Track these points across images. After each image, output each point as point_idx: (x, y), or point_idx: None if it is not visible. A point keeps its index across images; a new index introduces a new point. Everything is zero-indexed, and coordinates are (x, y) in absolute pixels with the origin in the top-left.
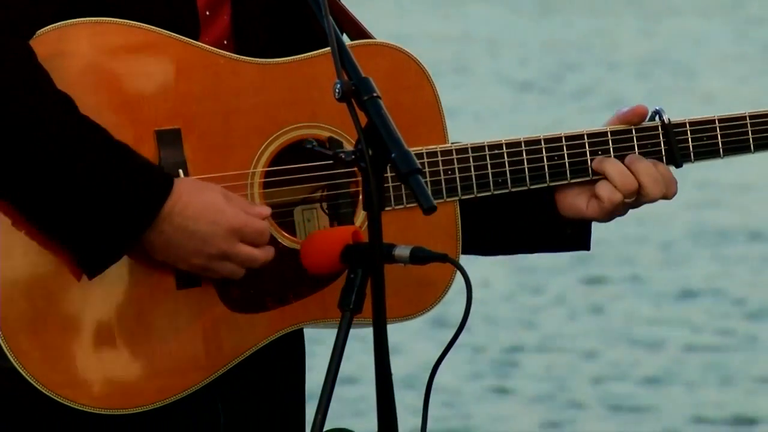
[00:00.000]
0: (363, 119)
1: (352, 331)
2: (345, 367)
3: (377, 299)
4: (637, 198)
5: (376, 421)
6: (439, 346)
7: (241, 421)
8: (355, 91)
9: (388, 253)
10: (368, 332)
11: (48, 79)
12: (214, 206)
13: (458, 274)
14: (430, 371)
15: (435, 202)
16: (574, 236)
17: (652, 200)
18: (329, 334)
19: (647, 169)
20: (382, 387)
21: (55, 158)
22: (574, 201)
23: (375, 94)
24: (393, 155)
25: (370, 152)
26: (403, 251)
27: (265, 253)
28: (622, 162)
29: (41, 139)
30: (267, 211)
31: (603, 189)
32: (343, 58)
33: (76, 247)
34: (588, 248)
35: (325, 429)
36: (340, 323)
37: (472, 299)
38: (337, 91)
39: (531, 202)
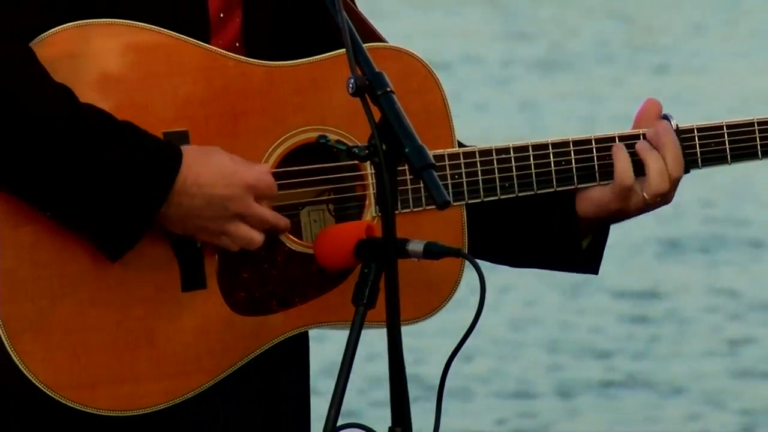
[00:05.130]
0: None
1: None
2: None
3: (391, 294)
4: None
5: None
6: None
7: (240, 417)
8: (369, 86)
9: (402, 247)
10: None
11: (47, 75)
12: (225, 168)
13: (464, 276)
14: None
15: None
16: (585, 255)
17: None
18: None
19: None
20: (396, 381)
21: (63, 146)
22: (598, 194)
23: (389, 89)
24: (406, 150)
25: (384, 147)
26: (416, 246)
27: (274, 216)
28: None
29: (47, 128)
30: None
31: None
32: (356, 53)
33: (95, 232)
34: (596, 272)
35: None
36: (353, 318)
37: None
38: (350, 85)
39: (548, 210)
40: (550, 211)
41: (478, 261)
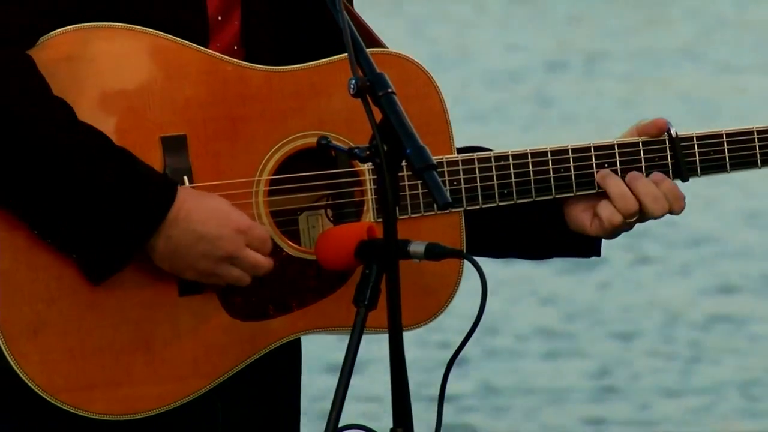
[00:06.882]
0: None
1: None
2: None
3: (392, 295)
4: (639, 216)
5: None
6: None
7: (239, 419)
8: (370, 87)
9: (404, 248)
10: None
11: (47, 89)
12: (219, 210)
13: (462, 282)
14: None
15: (439, 213)
16: (584, 244)
17: (656, 218)
18: None
19: (647, 188)
20: (397, 382)
21: (56, 167)
22: (579, 217)
23: (390, 90)
24: (408, 151)
25: (385, 148)
26: (418, 247)
27: (268, 262)
28: (624, 179)
29: (42, 148)
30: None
31: (604, 210)
32: (358, 54)
33: (81, 256)
34: (599, 254)
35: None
36: (354, 320)
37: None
38: (352, 86)
39: (541, 210)
40: (539, 215)
41: (477, 259)
